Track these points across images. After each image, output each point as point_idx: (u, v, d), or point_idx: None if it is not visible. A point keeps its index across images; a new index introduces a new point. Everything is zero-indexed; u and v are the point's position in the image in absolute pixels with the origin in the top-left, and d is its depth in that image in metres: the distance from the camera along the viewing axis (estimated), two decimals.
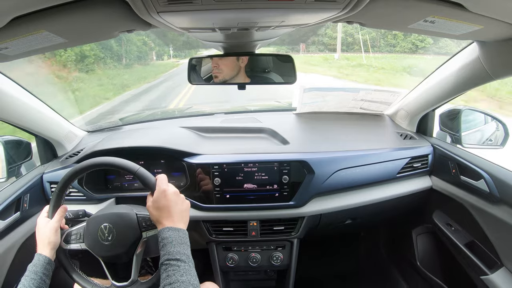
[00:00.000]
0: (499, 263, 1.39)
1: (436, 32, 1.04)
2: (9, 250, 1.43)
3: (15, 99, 1.41)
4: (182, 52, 26.40)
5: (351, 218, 1.78)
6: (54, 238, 1.10)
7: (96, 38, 1.16)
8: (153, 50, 23.72)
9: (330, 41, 26.42)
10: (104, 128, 2.04)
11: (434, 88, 1.64)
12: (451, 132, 1.69)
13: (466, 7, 0.80)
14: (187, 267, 0.92)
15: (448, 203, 1.66)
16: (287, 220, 1.64)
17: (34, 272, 1.01)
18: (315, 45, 27.62)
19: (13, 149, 1.58)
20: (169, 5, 0.73)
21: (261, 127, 1.82)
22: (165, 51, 26.42)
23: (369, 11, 0.84)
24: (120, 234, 1.11)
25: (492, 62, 1.24)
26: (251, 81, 1.47)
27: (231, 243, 1.70)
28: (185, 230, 1.02)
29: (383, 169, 1.67)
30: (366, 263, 2.43)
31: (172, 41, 23.18)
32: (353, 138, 1.77)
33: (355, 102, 1.87)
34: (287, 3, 0.75)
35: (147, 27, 0.97)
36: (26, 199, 1.53)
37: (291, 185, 1.59)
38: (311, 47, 27.64)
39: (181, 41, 22.82)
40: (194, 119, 2.12)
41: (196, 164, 1.58)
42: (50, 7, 0.75)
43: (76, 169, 1.13)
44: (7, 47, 0.91)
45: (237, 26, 0.99)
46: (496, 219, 1.40)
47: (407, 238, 2.01)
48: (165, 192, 1.04)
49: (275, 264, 1.69)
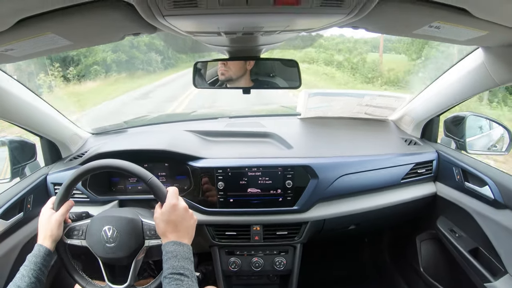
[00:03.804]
0: (503, 270, 1.38)
1: (441, 37, 1.04)
2: (12, 250, 1.44)
3: (21, 100, 1.42)
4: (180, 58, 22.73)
5: (354, 224, 1.77)
6: (56, 231, 1.09)
7: (102, 41, 1.16)
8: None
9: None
10: (109, 131, 2.05)
11: (439, 93, 1.64)
12: (456, 138, 1.68)
13: (471, 12, 0.80)
14: (190, 283, 0.92)
15: (453, 210, 1.65)
16: (291, 225, 1.64)
17: (33, 262, 1.01)
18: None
19: (18, 150, 1.58)
20: (175, 9, 0.73)
21: (266, 132, 1.82)
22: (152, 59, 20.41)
23: (375, 16, 0.84)
24: (123, 239, 1.11)
25: (497, 68, 1.24)
26: (255, 85, 1.47)
27: (234, 247, 1.69)
28: (189, 246, 1.02)
29: (387, 174, 1.66)
30: (369, 268, 2.42)
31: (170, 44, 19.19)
32: (357, 144, 1.76)
33: (360, 107, 1.87)
34: (292, 8, 0.75)
35: (152, 30, 0.97)
36: (30, 200, 1.54)
37: (295, 190, 1.59)
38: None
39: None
40: (199, 123, 2.13)
41: (200, 167, 1.59)
42: (56, 9, 0.75)
43: (89, 166, 1.13)
44: (13, 49, 0.92)
45: (242, 30, 1.00)
46: (501, 226, 1.39)
47: (410, 244, 2.00)
48: (175, 207, 1.04)
49: (278, 268, 1.68)
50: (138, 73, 17.85)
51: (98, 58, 15.55)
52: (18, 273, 0.99)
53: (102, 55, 15.85)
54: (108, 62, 16.05)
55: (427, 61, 11.25)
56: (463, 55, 1.43)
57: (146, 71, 18.73)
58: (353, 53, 19.07)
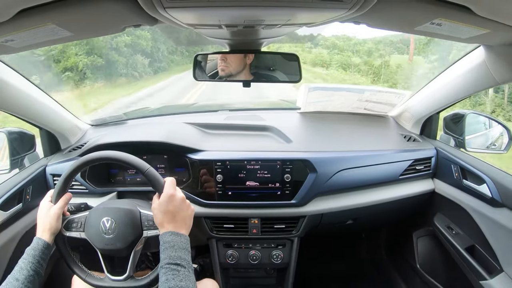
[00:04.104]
0: (499, 268, 1.39)
1: (442, 35, 1.03)
2: (10, 241, 1.45)
3: (20, 91, 1.42)
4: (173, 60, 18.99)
5: (352, 219, 1.78)
6: (55, 224, 1.10)
7: (103, 33, 1.16)
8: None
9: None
10: (108, 122, 2.05)
11: (439, 91, 1.64)
12: (455, 136, 1.69)
13: (473, 10, 0.79)
14: (187, 273, 0.93)
15: (450, 207, 1.66)
16: (288, 219, 1.65)
17: (32, 255, 1.02)
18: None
19: (17, 140, 1.59)
20: (176, 1, 0.73)
21: (265, 125, 1.82)
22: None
23: (376, 12, 0.84)
24: (122, 230, 1.12)
25: (498, 67, 1.24)
26: (256, 78, 1.47)
27: (232, 240, 1.70)
28: (187, 236, 1.03)
29: (386, 170, 1.66)
30: (366, 264, 2.43)
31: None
32: (356, 139, 1.77)
33: (360, 103, 1.87)
34: (294, 2, 0.75)
35: (153, 22, 0.97)
36: (29, 191, 1.55)
37: (293, 184, 1.59)
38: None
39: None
40: (198, 116, 2.12)
41: (199, 160, 1.59)
42: (57, 0, 0.75)
43: (86, 158, 1.13)
44: (13, 39, 0.91)
45: (243, 23, 0.99)
46: (497, 224, 1.39)
47: (407, 240, 2.01)
48: (173, 197, 1.04)
49: (275, 262, 1.69)
50: (120, 81, 14.35)
51: (69, 64, 12.52)
52: (16, 266, 1.00)
53: (74, 60, 12.65)
54: (80, 67, 12.70)
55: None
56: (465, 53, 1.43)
57: (131, 77, 15.07)
58: (374, 55, 16.77)
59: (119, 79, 14.38)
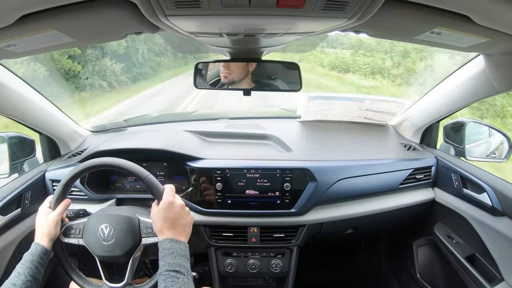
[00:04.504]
0: (499, 277, 1.37)
1: (442, 43, 1.04)
2: (8, 246, 1.44)
3: (21, 96, 1.43)
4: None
5: (352, 228, 1.77)
6: (53, 230, 1.10)
7: (104, 39, 1.17)
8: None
9: None
10: (108, 129, 2.05)
11: (438, 99, 1.64)
12: (455, 144, 1.68)
13: (473, 19, 0.80)
14: (186, 280, 0.92)
15: (450, 216, 1.65)
16: (288, 228, 1.64)
17: (30, 261, 1.02)
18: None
19: (17, 145, 1.59)
20: (177, 9, 0.74)
21: (265, 134, 1.82)
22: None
23: (377, 21, 0.84)
24: (120, 237, 1.12)
25: (498, 75, 1.24)
26: (256, 87, 1.47)
27: (231, 249, 1.69)
28: (186, 243, 1.03)
29: (385, 179, 1.66)
30: (365, 273, 2.41)
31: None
32: (356, 148, 1.76)
33: (360, 112, 1.87)
34: (295, 11, 0.75)
35: (155, 30, 0.98)
36: (28, 196, 1.54)
37: (293, 193, 1.58)
38: None
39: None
40: (198, 123, 2.13)
41: (199, 168, 1.58)
42: (59, 6, 0.76)
43: (86, 165, 1.13)
44: (15, 44, 0.92)
45: (244, 32, 1.00)
46: (498, 233, 1.39)
47: (407, 250, 1.99)
48: (172, 204, 1.04)
49: (274, 271, 1.68)
50: (80, 96, 9.99)
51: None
52: (14, 271, 0.99)
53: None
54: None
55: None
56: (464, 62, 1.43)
57: (98, 90, 10.72)
58: (411, 57, 10.58)
59: (77, 94, 10.09)
